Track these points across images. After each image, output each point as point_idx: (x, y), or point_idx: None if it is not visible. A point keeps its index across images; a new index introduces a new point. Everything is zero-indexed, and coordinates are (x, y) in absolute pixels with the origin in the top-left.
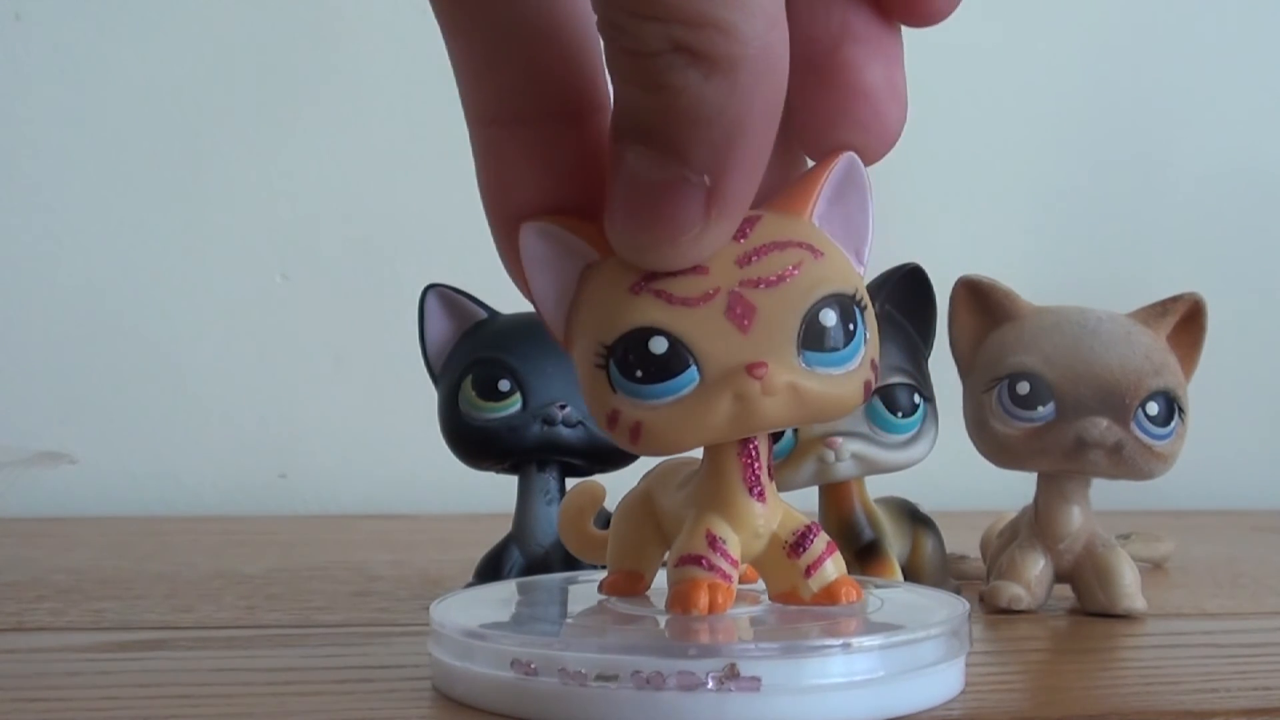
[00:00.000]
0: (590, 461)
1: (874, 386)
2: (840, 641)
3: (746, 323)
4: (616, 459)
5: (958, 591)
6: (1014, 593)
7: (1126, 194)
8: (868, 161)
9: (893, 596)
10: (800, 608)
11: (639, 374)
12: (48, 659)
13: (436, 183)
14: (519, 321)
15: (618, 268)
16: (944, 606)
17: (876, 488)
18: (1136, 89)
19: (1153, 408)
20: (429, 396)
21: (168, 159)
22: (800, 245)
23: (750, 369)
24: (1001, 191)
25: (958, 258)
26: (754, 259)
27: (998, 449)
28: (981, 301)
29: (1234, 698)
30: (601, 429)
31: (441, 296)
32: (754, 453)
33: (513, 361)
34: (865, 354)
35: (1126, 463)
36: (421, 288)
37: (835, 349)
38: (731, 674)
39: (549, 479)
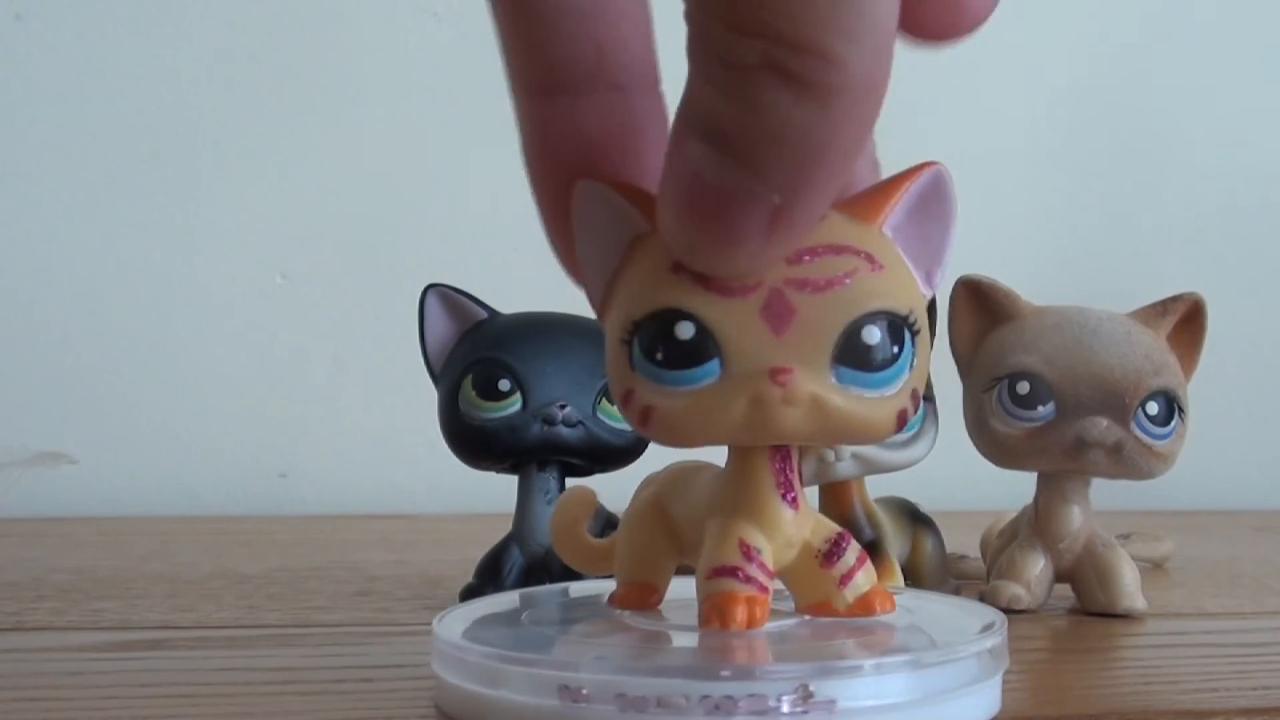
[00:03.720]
0: (590, 461)
1: (908, 419)
2: (910, 658)
3: (782, 324)
4: (617, 459)
5: (956, 592)
6: (1014, 592)
7: (1126, 194)
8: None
9: (914, 606)
10: (834, 620)
11: (659, 356)
12: (48, 659)
13: (436, 183)
14: (519, 321)
15: (665, 244)
16: (976, 617)
17: (876, 488)
18: (1136, 89)
19: (1153, 407)
20: (429, 396)
21: (168, 159)
22: (858, 253)
23: (774, 374)
24: (1001, 192)
25: (958, 257)
26: (806, 259)
27: (998, 449)
28: (981, 301)
29: (1234, 698)
30: (617, 406)
31: (441, 296)
32: (787, 455)
33: (513, 361)
34: (907, 381)
35: (1126, 462)
36: (421, 288)
37: (872, 369)
38: (806, 696)
39: (549, 479)
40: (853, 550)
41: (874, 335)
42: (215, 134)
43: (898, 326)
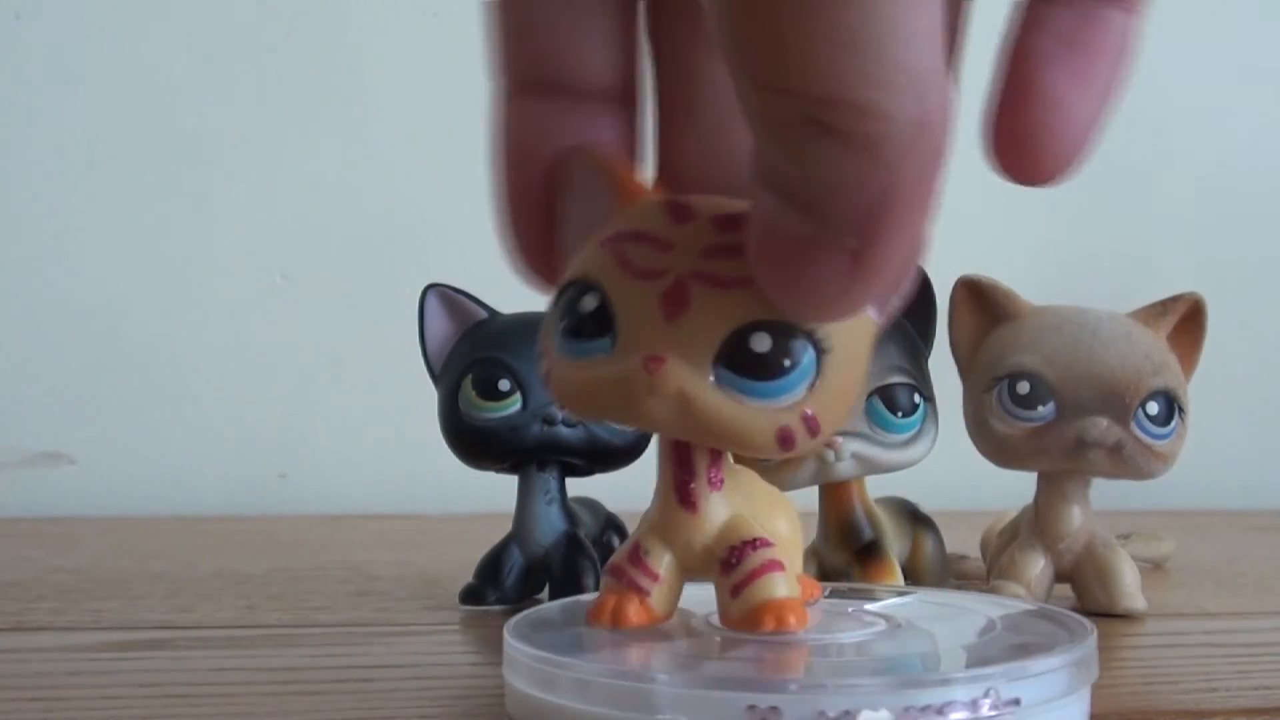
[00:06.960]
0: (590, 461)
1: (797, 441)
2: (1070, 656)
3: (675, 313)
4: (617, 459)
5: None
6: (1014, 593)
7: (1127, 192)
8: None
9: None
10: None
11: (563, 323)
12: (48, 659)
13: (436, 183)
14: (519, 321)
15: (620, 218)
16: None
17: (876, 488)
18: (1136, 88)
19: (1153, 407)
20: (429, 396)
21: (168, 159)
22: None
23: (647, 360)
24: (1001, 191)
25: (958, 257)
26: (720, 256)
27: (998, 449)
28: (981, 301)
29: (1234, 698)
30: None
31: (441, 296)
32: (684, 458)
33: (513, 361)
34: (798, 399)
35: (1126, 462)
36: (421, 288)
37: (754, 377)
38: (998, 698)
39: (549, 479)
40: (754, 559)
41: (762, 343)
42: (215, 134)
43: (797, 341)
